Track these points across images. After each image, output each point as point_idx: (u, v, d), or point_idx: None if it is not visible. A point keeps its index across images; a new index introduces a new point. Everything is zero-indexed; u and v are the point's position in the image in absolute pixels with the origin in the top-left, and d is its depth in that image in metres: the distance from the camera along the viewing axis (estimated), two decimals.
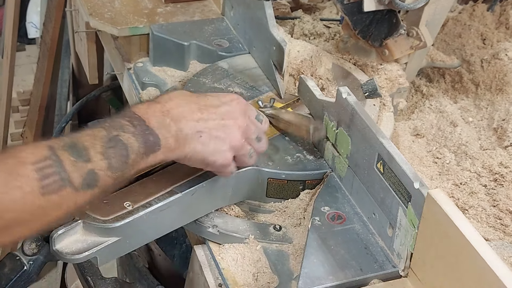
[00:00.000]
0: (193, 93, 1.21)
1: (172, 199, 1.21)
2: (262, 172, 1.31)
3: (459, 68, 1.74)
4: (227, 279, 1.21)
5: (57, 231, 1.11)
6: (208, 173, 1.26)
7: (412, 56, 1.61)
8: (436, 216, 1.02)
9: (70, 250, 1.13)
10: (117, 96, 3.09)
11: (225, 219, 1.30)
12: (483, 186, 1.41)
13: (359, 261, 1.15)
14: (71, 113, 2.90)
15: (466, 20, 1.88)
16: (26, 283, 1.15)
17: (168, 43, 1.70)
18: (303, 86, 1.43)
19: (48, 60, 2.68)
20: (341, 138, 1.28)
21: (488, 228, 1.33)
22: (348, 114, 1.25)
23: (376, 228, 1.21)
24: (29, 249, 1.15)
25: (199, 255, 1.29)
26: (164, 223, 1.23)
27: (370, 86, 1.45)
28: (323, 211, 1.24)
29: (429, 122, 1.60)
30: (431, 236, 1.05)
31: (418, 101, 1.71)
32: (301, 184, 1.32)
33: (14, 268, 1.13)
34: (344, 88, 1.27)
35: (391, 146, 1.15)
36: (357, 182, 1.25)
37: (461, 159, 1.48)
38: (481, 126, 1.60)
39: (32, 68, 4.37)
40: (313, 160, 1.35)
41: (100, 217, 1.16)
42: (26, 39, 4.59)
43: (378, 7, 1.44)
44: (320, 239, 1.18)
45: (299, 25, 1.86)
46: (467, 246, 0.97)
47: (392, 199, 1.14)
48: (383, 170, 1.16)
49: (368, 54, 1.59)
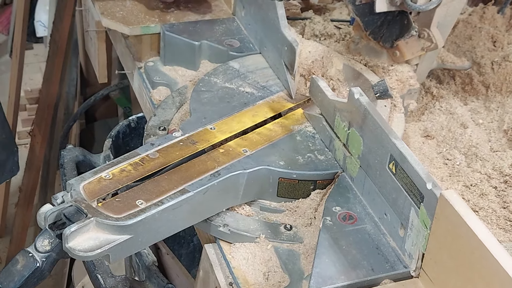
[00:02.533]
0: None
1: (184, 197, 1.22)
2: (273, 172, 1.31)
3: (469, 70, 1.74)
4: (238, 278, 1.22)
5: (70, 229, 1.12)
6: (220, 172, 1.26)
7: (423, 58, 1.61)
8: (449, 217, 1.02)
9: (82, 248, 1.13)
10: (125, 96, 3.11)
11: (236, 218, 1.30)
12: (493, 188, 1.41)
13: (370, 261, 1.15)
14: (79, 112, 2.91)
15: (477, 23, 1.88)
16: (38, 279, 1.15)
17: (179, 42, 1.71)
18: (314, 86, 1.43)
19: (58, 59, 2.69)
20: (353, 138, 1.29)
21: (498, 230, 1.34)
22: (361, 115, 1.25)
23: (387, 228, 1.21)
24: (42, 246, 1.15)
25: (210, 254, 1.30)
26: (176, 221, 1.24)
27: (381, 87, 1.45)
28: (334, 211, 1.24)
29: (439, 124, 1.60)
30: (444, 236, 1.05)
31: (428, 102, 1.71)
32: (312, 184, 1.33)
33: (27, 264, 1.14)
34: (356, 89, 1.27)
35: (404, 146, 1.15)
36: (369, 182, 1.25)
37: (471, 161, 1.49)
38: (491, 128, 1.60)
39: (40, 67, 4.39)
40: (324, 160, 1.36)
41: (113, 215, 1.16)
42: (34, 37, 4.60)
43: (389, 8, 1.45)
44: (332, 239, 1.18)
45: (310, 26, 1.86)
46: (480, 247, 0.97)
47: (404, 199, 1.14)
48: (395, 171, 1.16)
49: (379, 55, 1.59)
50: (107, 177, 1.24)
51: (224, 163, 1.30)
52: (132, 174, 1.26)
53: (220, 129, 1.41)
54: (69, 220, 1.14)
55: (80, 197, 1.19)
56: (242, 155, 1.33)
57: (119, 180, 1.24)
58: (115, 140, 2.26)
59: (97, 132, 3.43)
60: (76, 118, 2.90)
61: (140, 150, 1.32)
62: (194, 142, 1.36)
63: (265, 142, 1.38)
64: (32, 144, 3.11)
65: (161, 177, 1.26)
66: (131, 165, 1.28)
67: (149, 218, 1.18)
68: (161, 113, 1.52)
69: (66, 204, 1.17)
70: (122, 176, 1.25)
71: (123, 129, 2.33)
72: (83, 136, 3.33)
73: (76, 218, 1.15)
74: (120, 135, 2.31)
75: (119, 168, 1.27)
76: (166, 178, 1.25)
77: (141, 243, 1.21)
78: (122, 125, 2.36)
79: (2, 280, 1.13)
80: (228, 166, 1.29)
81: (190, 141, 1.36)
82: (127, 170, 1.27)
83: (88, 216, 1.15)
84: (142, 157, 1.30)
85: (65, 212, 1.16)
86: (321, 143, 1.40)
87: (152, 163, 1.29)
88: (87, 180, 1.23)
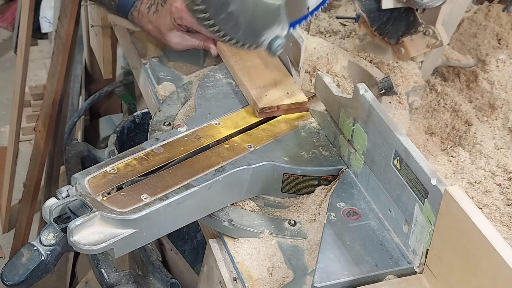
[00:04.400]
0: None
1: (189, 192, 1.22)
2: (277, 167, 1.31)
3: (474, 68, 1.73)
4: (241, 273, 1.22)
5: (75, 222, 1.12)
6: (225, 167, 1.26)
7: (428, 55, 1.61)
8: (453, 213, 1.02)
9: (87, 241, 1.13)
10: (130, 92, 3.10)
11: (240, 214, 1.30)
12: (497, 185, 1.41)
13: (374, 256, 1.16)
14: (83, 108, 2.91)
15: (482, 20, 1.88)
16: (43, 273, 1.15)
17: None
18: (319, 82, 1.43)
19: (63, 55, 2.69)
20: (358, 134, 1.29)
21: (502, 227, 1.33)
22: (365, 111, 1.25)
23: (391, 224, 1.21)
24: (47, 240, 1.15)
25: (214, 249, 1.30)
26: (181, 216, 1.24)
27: (386, 83, 1.46)
28: (338, 207, 1.24)
29: (443, 121, 1.60)
30: (448, 232, 1.05)
31: (433, 99, 1.70)
32: (317, 180, 1.33)
33: (32, 258, 1.14)
34: (361, 85, 1.27)
35: (409, 142, 1.15)
36: (373, 178, 1.25)
37: (475, 158, 1.48)
38: (495, 126, 1.60)
39: (45, 63, 4.38)
40: (329, 156, 1.36)
41: (118, 209, 1.16)
42: (39, 33, 4.60)
43: (396, 5, 1.45)
44: (336, 234, 1.19)
45: (315, 23, 1.86)
46: (484, 243, 0.97)
47: (408, 195, 1.14)
48: (399, 167, 1.16)
49: (384, 52, 1.59)
50: (112, 171, 1.25)
51: (229, 158, 1.30)
52: (137, 168, 1.26)
53: (225, 125, 1.41)
54: (74, 214, 1.15)
55: (85, 191, 1.19)
56: (246, 151, 1.33)
57: (124, 174, 1.25)
58: (120, 135, 2.26)
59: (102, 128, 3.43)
60: (81, 114, 2.90)
61: (145, 145, 1.32)
62: (199, 137, 1.36)
63: (269, 137, 1.38)
64: (37, 140, 3.11)
65: (166, 171, 1.26)
66: (136, 160, 1.28)
67: (154, 212, 1.18)
68: (166, 108, 1.52)
69: (71, 198, 1.18)
70: (127, 171, 1.25)
71: (128, 124, 2.34)
72: (88, 132, 3.33)
73: (81, 212, 1.15)
74: (124, 130, 2.32)
75: (124, 162, 1.27)
76: (171, 173, 1.26)
77: (146, 237, 1.21)
78: (127, 120, 2.36)
79: (6, 273, 1.14)
80: (233, 162, 1.29)
81: (195, 136, 1.36)
82: (132, 164, 1.27)
83: (93, 210, 1.15)
84: (147, 152, 1.30)
85: (70, 206, 1.16)
86: (326, 139, 1.40)
87: (157, 157, 1.29)
88: (92, 174, 1.23)
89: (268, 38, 1.24)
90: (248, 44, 1.22)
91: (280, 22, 1.24)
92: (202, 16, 1.15)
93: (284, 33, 1.25)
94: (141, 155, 1.29)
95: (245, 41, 1.21)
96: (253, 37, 1.21)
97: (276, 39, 1.24)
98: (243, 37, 1.20)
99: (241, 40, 1.20)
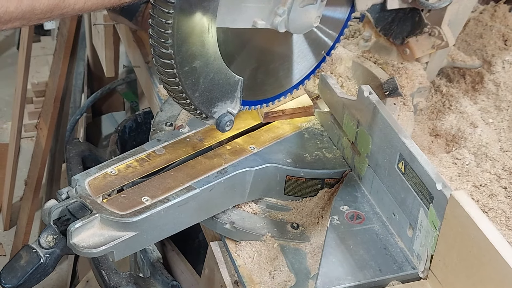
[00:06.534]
0: None
1: (190, 194, 1.21)
2: (280, 169, 1.30)
3: (479, 69, 1.72)
4: (243, 276, 1.21)
5: (74, 225, 1.11)
6: (227, 169, 1.25)
7: (433, 56, 1.60)
8: (458, 218, 1.01)
9: (87, 244, 1.12)
10: (132, 90, 3.09)
11: (242, 216, 1.29)
12: (503, 188, 1.40)
13: (378, 261, 1.14)
14: (86, 106, 2.90)
15: (488, 21, 1.86)
16: (42, 275, 1.14)
17: None
18: (323, 83, 1.42)
19: (65, 52, 2.68)
20: (362, 137, 1.27)
21: (507, 231, 1.32)
22: (370, 113, 1.23)
23: (395, 228, 1.20)
24: (46, 242, 1.14)
25: (215, 251, 1.29)
26: (182, 218, 1.23)
27: (391, 85, 1.44)
28: (342, 210, 1.23)
29: (448, 123, 1.59)
30: (453, 238, 1.03)
31: (438, 101, 1.69)
32: (320, 183, 1.31)
33: (31, 260, 1.12)
34: (366, 87, 1.26)
35: (414, 146, 1.13)
36: (377, 181, 1.24)
37: (481, 161, 1.47)
38: (501, 128, 1.58)
39: (47, 59, 4.38)
40: (332, 159, 1.34)
41: (118, 211, 1.15)
42: (41, 30, 4.59)
43: (401, 5, 1.43)
44: (339, 238, 1.17)
45: None
46: (490, 249, 0.96)
47: (413, 199, 1.13)
48: (404, 170, 1.15)
49: (389, 53, 1.58)
50: (113, 173, 1.23)
51: (231, 160, 1.29)
52: (138, 170, 1.25)
53: None
54: (74, 216, 1.14)
55: (85, 193, 1.18)
56: (249, 152, 1.32)
57: (125, 176, 1.23)
58: (121, 134, 2.25)
59: (104, 126, 3.42)
60: (83, 112, 2.89)
61: (146, 146, 1.31)
62: (201, 138, 1.35)
63: (272, 139, 1.37)
64: (38, 137, 3.10)
65: (167, 173, 1.25)
66: (137, 161, 1.27)
67: (155, 215, 1.17)
68: (168, 108, 1.51)
69: (71, 200, 1.16)
70: (127, 172, 1.24)
71: (130, 123, 2.33)
72: (90, 129, 3.32)
73: (81, 214, 1.14)
74: (126, 129, 2.31)
75: (125, 164, 1.26)
76: (172, 174, 1.24)
77: (146, 240, 1.20)
78: (128, 120, 2.35)
79: (5, 276, 1.12)
80: (235, 164, 1.28)
81: (197, 137, 1.35)
82: (133, 166, 1.26)
83: (93, 212, 1.14)
84: (148, 153, 1.29)
85: (69, 208, 1.15)
86: (329, 141, 1.38)
87: (158, 159, 1.28)
88: (92, 176, 1.22)
89: (219, 112, 1.23)
90: (199, 111, 1.20)
91: (233, 98, 1.24)
92: (168, 62, 1.11)
93: (235, 112, 1.25)
94: (142, 156, 1.28)
95: (198, 106, 1.18)
96: (207, 104, 1.20)
97: (226, 114, 1.24)
98: (197, 100, 1.17)
99: (195, 103, 1.18)
